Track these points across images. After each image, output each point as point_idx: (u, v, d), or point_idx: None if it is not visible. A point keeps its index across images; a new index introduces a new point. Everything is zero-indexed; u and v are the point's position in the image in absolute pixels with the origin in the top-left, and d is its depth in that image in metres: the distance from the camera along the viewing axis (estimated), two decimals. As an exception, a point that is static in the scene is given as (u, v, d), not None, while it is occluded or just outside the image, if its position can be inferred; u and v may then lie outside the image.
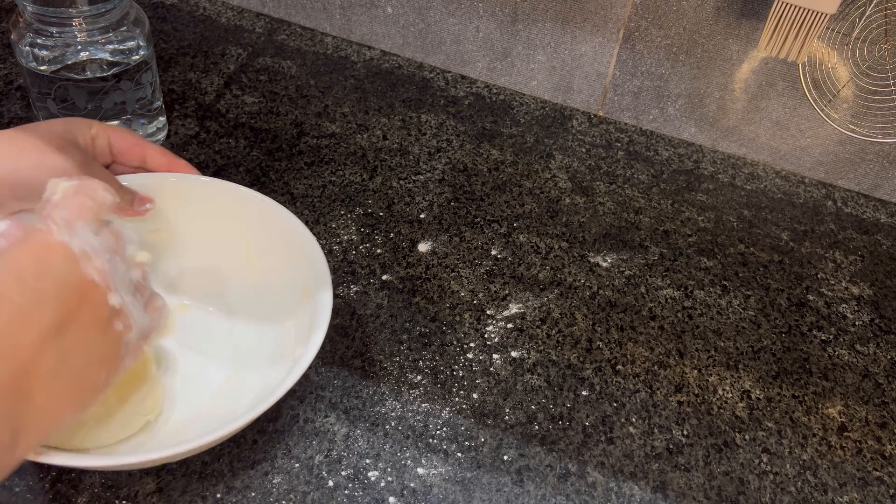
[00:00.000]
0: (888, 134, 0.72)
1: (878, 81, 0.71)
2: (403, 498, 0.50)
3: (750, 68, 0.75)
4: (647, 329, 0.63)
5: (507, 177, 0.74)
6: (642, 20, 0.74)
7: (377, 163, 0.73)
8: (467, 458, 0.52)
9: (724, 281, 0.68)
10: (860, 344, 0.65)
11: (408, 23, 0.82)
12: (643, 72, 0.78)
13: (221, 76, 0.79)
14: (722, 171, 0.79)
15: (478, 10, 0.79)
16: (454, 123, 0.79)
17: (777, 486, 0.54)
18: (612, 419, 0.56)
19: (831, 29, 0.69)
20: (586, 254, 0.68)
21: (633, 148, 0.80)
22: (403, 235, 0.67)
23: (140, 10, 0.65)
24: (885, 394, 0.61)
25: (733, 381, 0.60)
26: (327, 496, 0.49)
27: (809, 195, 0.78)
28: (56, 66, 0.62)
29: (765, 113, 0.77)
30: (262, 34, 0.85)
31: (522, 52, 0.81)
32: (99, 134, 0.54)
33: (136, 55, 0.63)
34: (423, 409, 0.55)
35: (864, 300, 0.69)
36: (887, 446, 0.58)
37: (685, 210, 0.74)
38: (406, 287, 0.63)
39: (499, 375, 0.58)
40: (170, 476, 0.49)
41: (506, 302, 0.63)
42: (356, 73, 0.82)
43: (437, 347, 0.59)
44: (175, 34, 0.83)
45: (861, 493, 0.55)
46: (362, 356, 0.57)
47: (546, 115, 0.82)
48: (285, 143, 0.73)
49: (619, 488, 0.52)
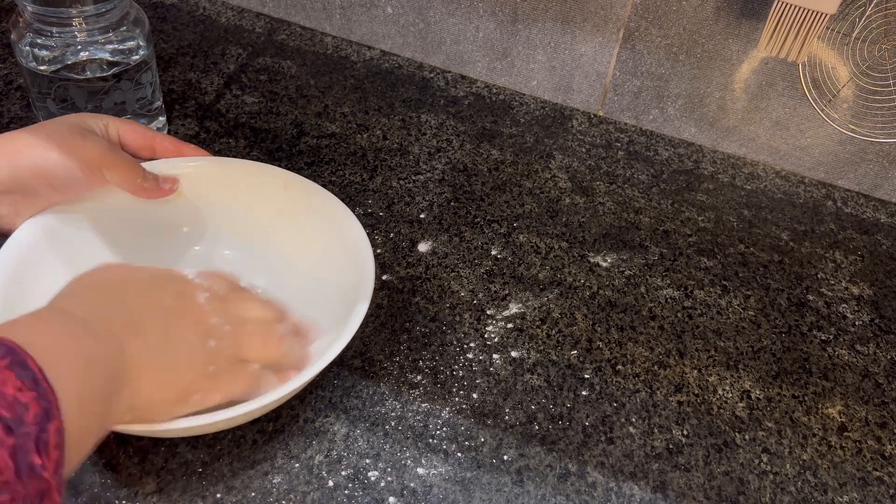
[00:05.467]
0: (888, 134, 0.72)
1: (878, 81, 0.71)
2: (403, 498, 0.50)
3: (750, 68, 0.75)
4: (647, 329, 0.63)
5: (507, 177, 0.74)
6: (642, 20, 0.74)
7: (377, 163, 0.73)
8: (467, 458, 0.52)
9: (724, 281, 0.68)
10: (860, 344, 0.65)
11: (408, 23, 0.82)
12: (643, 72, 0.78)
13: (221, 76, 0.79)
14: (722, 171, 0.79)
15: (478, 10, 0.79)
16: (454, 123, 0.79)
17: (777, 486, 0.54)
18: (612, 419, 0.56)
19: (831, 29, 0.69)
20: (586, 254, 0.68)
21: (633, 148, 0.80)
22: (403, 235, 0.67)
23: (140, 10, 0.65)
24: (885, 394, 0.61)
25: (733, 381, 0.60)
26: (327, 496, 0.49)
27: (809, 195, 0.78)
28: (56, 66, 0.62)
29: (765, 113, 0.77)
30: (262, 34, 0.85)
31: (522, 52, 0.81)
32: (109, 124, 0.55)
33: (136, 55, 0.63)
34: (423, 409, 0.55)
35: (864, 300, 0.69)
36: (887, 446, 0.58)
37: (685, 210, 0.74)
38: (406, 287, 0.63)
39: (499, 375, 0.58)
40: (170, 476, 0.49)
41: (506, 302, 0.63)
42: (356, 73, 0.82)
43: (437, 347, 0.59)
44: (175, 34, 0.83)
45: (861, 493, 0.55)
46: (362, 356, 0.57)
47: (546, 115, 0.82)
48: (285, 143, 0.73)
49: (619, 488, 0.52)
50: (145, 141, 0.56)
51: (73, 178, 0.50)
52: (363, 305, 0.49)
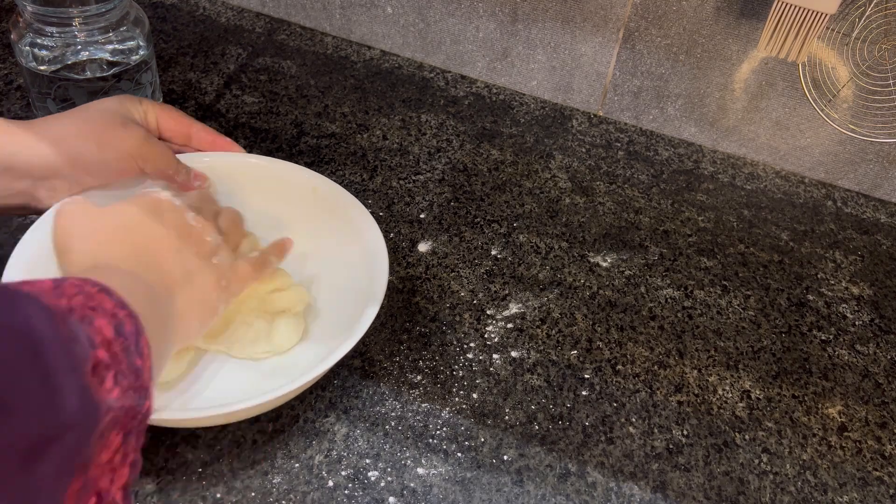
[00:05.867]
0: (888, 134, 0.72)
1: (878, 81, 0.71)
2: (403, 498, 0.50)
3: (750, 68, 0.75)
4: (647, 329, 0.63)
5: (507, 177, 0.74)
6: (642, 20, 0.74)
7: (377, 163, 0.73)
8: (467, 458, 0.52)
9: (724, 281, 0.68)
10: (860, 344, 0.65)
11: (408, 23, 0.82)
12: (643, 72, 0.78)
13: (221, 76, 0.79)
14: (722, 171, 0.79)
15: (478, 10, 0.79)
16: (454, 123, 0.79)
17: (777, 486, 0.54)
18: (612, 419, 0.56)
19: (831, 29, 0.69)
20: (586, 254, 0.68)
21: (633, 148, 0.80)
22: (403, 235, 0.67)
23: (140, 10, 0.65)
24: (885, 394, 0.61)
25: (733, 381, 0.60)
26: (327, 496, 0.49)
27: (809, 195, 0.78)
28: (56, 66, 0.62)
29: (765, 113, 0.77)
30: (262, 34, 0.85)
31: (522, 52, 0.81)
32: (149, 109, 0.56)
33: (136, 55, 0.63)
34: (423, 409, 0.55)
35: (864, 300, 0.69)
36: (887, 446, 0.58)
37: (685, 210, 0.74)
38: (406, 287, 0.63)
39: (499, 375, 0.58)
40: (169, 476, 0.49)
41: (506, 302, 0.63)
42: (356, 73, 0.82)
43: (437, 347, 0.59)
44: (175, 34, 0.83)
45: (861, 493, 0.55)
46: (362, 356, 0.57)
47: (546, 115, 0.82)
48: (285, 143, 0.73)
49: (619, 488, 0.52)
50: (182, 128, 0.57)
51: (108, 169, 0.51)
52: (373, 309, 0.50)
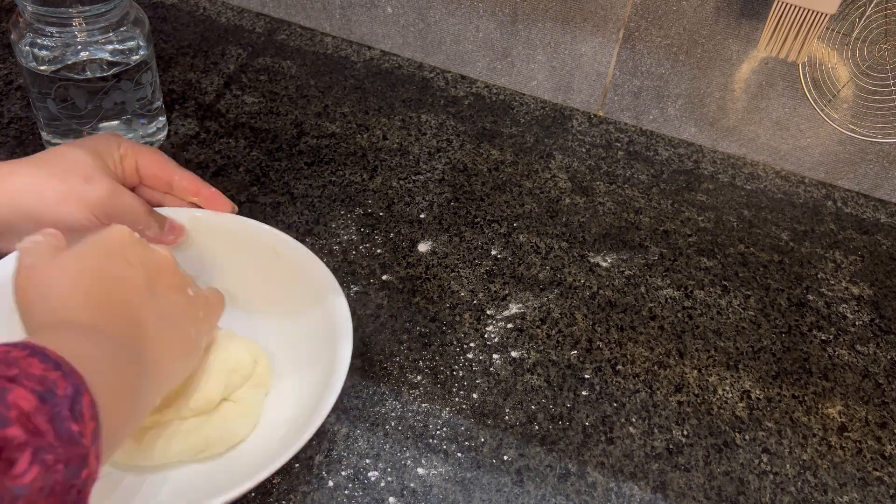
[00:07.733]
0: (888, 134, 0.72)
1: (878, 81, 0.71)
2: (403, 498, 0.50)
3: (750, 68, 0.75)
4: (647, 329, 0.63)
5: (507, 177, 0.74)
6: (642, 20, 0.74)
7: (377, 163, 0.73)
8: (467, 458, 0.52)
9: (724, 281, 0.68)
10: (860, 344, 0.65)
11: (408, 23, 0.82)
12: (643, 72, 0.78)
13: (221, 76, 0.79)
14: (722, 171, 0.79)
15: (478, 10, 0.79)
16: (454, 123, 0.79)
17: (777, 486, 0.54)
18: (612, 419, 0.56)
19: (831, 29, 0.69)
20: (586, 254, 0.68)
21: (633, 148, 0.80)
22: (403, 235, 0.67)
23: (140, 10, 0.65)
24: (885, 394, 0.61)
25: (733, 381, 0.60)
26: (327, 496, 0.49)
27: (809, 195, 0.78)
28: (56, 66, 0.62)
29: (765, 113, 0.77)
30: (262, 34, 0.85)
31: (522, 52, 0.81)
32: (127, 154, 0.53)
33: (136, 55, 0.63)
34: (423, 409, 0.55)
35: (864, 300, 0.69)
36: (887, 446, 0.58)
37: (685, 210, 0.74)
38: (406, 287, 0.63)
39: (499, 375, 0.58)
40: (170, 476, 0.49)
41: (506, 302, 0.63)
42: (356, 73, 0.82)
43: (437, 347, 0.59)
44: (175, 34, 0.83)
45: (861, 493, 0.55)
46: (362, 356, 0.57)
47: (546, 115, 0.82)
48: (285, 143, 0.73)
49: (619, 488, 0.52)
50: (164, 175, 0.55)
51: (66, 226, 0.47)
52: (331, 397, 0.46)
